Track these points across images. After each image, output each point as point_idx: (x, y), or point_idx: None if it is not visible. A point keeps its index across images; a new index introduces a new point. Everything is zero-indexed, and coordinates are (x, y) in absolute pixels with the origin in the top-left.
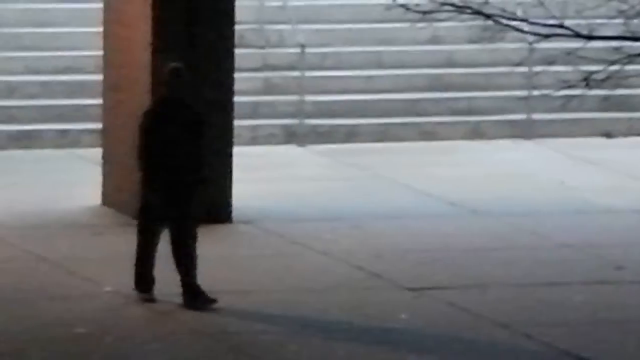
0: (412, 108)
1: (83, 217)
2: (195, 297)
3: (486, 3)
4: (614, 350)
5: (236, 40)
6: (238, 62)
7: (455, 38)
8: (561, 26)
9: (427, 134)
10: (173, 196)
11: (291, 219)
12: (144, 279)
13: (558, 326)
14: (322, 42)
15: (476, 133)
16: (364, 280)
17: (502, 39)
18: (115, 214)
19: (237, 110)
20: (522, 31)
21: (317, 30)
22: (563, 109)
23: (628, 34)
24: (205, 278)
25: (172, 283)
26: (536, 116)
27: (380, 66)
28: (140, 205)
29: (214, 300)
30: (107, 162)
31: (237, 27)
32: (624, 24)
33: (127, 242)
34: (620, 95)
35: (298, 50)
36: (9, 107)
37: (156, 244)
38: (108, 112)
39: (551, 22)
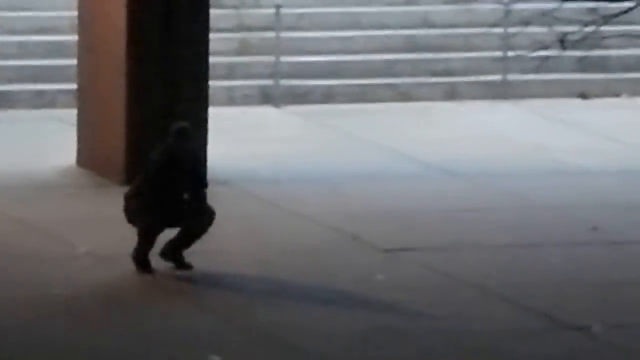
0: (388, 69)
1: (58, 178)
2: (173, 261)
3: None
4: (588, 311)
5: (211, 0)
6: (213, 23)
7: None
8: None
9: (404, 95)
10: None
11: (267, 180)
12: (147, 263)
13: (533, 287)
14: (298, 3)
15: (452, 94)
16: (340, 241)
17: (477, 0)
18: (89, 175)
19: (212, 71)
20: None
21: None
22: (539, 70)
23: None
24: None
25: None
26: (512, 77)
27: (356, 27)
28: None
29: (189, 266)
30: (82, 123)
31: None
32: None
33: (101, 203)
34: (596, 57)
35: (274, 10)
36: None
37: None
38: (83, 73)
39: None
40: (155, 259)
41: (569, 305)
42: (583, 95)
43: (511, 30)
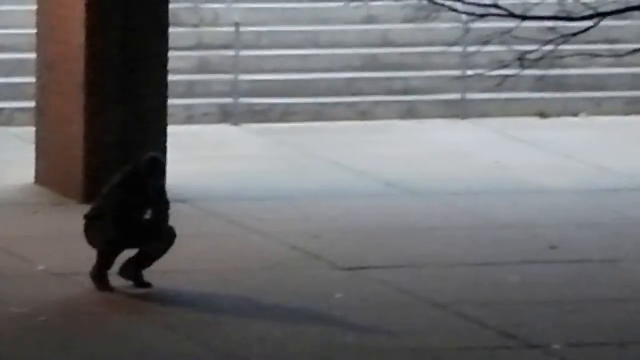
0: (347, 87)
1: (16, 195)
2: (131, 279)
3: None
4: (547, 329)
5: (170, 18)
6: (172, 41)
7: (390, 17)
8: (495, 6)
9: (363, 114)
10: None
11: (226, 198)
12: (106, 281)
13: (492, 305)
14: (257, 21)
15: (411, 113)
16: (299, 259)
17: (436, 19)
18: (48, 193)
19: (171, 89)
20: (456, 11)
21: (252, 9)
22: (498, 88)
23: (562, 14)
24: None
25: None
26: (471, 96)
27: (315, 45)
28: (109, 243)
29: (148, 284)
30: (41, 140)
31: (171, 6)
32: (558, 4)
33: (59, 220)
34: (555, 75)
35: (233, 28)
36: None
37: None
38: (42, 91)
39: (485, 1)
40: (113, 277)
41: (528, 323)
42: (542, 114)
43: (470, 48)
